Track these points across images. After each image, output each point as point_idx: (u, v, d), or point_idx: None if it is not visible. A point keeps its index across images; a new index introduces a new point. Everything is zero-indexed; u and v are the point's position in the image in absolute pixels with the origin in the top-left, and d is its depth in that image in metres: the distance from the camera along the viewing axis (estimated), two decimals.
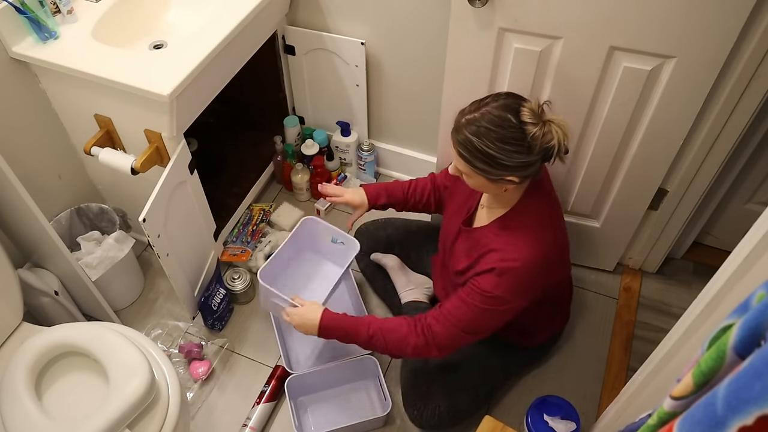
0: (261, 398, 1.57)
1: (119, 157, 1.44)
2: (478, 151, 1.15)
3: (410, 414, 1.47)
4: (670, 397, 0.63)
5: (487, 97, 1.19)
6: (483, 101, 1.18)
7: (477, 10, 1.34)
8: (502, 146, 1.13)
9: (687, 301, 0.93)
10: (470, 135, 1.15)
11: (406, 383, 1.51)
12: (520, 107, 1.14)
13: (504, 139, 1.13)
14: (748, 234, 0.76)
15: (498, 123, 1.13)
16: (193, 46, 1.39)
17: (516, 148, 1.13)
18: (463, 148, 1.17)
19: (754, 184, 1.67)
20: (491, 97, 1.18)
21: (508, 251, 1.22)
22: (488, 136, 1.13)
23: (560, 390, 1.62)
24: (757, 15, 1.18)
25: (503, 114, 1.14)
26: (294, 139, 2.09)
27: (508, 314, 1.27)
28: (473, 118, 1.15)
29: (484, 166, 1.16)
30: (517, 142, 1.13)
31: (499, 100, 1.16)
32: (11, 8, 1.34)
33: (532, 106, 1.15)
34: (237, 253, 1.87)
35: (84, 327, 1.29)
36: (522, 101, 1.16)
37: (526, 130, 1.13)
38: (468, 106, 1.20)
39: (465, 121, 1.17)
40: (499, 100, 1.16)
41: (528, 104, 1.15)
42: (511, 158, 1.14)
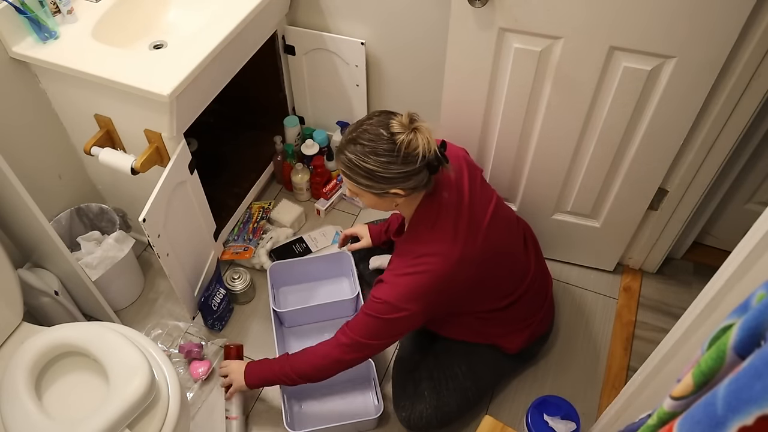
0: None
1: (119, 157, 1.44)
2: (358, 168, 1.21)
3: (399, 415, 1.49)
4: (670, 397, 0.63)
5: (365, 117, 1.25)
6: (360, 122, 1.24)
7: (477, 10, 1.34)
8: (377, 159, 1.18)
9: (687, 301, 0.93)
10: (350, 154, 1.21)
11: (396, 385, 1.52)
12: (391, 120, 1.20)
13: (377, 152, 1.18)
14: (748, 234, 0.76)
15: (372, 138, 1.19)
16: (193, 46, 1.39)
17: (390, 159, 1.18)
18: (345, 167, 1.23)
19: (754, 184, 1.67)
20: (367, 116, 1.25)
21: (396, 266, 1.30)
22: (363, 151, 1.19)
23: (560, 390, 1.62)
24: (757, 15, 1.18)
25: (377, 129, 1.20)
26: (294, 139, 2.09)
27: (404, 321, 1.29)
28: (352, 137, 1.22)
29: (366, 181, 1.22)
30: (389, 153, 1.18)
31: (373, 118, 1.22)
32: (11, 8, 1.34)
33: (402, 119, 1.20)
34: (239, 251, 1.87)
35: (84, 327, 1.29)
36: (393, 116, 1.22)
37: (395, 140, 1.17)
38: (348, 127, 1.26)
39: (345, 142, 1.23)
40: (373, 118, 1.23)
41: (398, 117, 1.21)
42: (388, 170, 1.19)
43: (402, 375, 1.52)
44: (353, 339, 1.31)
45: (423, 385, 1.47)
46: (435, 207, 1.28)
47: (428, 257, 1.26)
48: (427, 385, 1.46)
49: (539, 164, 1.63)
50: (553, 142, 1.55)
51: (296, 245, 1.95)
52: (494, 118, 1.57)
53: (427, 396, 1.45)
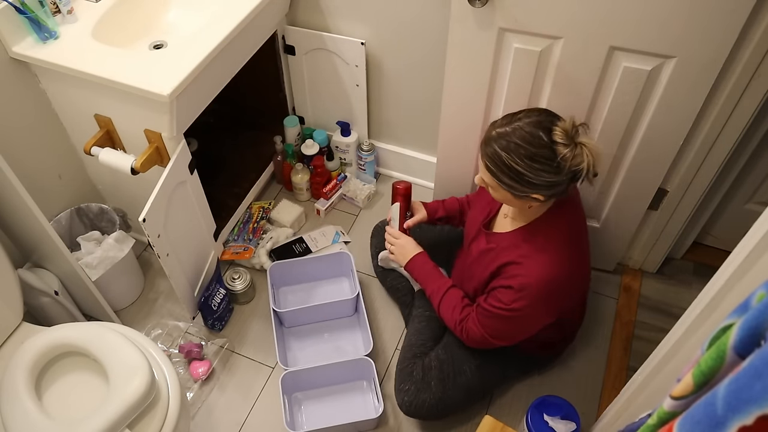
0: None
1: (119, 157, 1.44)
2: (506, 167, 1.14)
3: (399, 398, 1.47)
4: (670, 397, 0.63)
5: (521, 112, 1.17)
6: (516, 115, 1.16)
7: (477, 10, 1.34)
8: (530, 164, 1.12)
9: (687, 301, 0.93)
10: (499, 149, 1.14)
11: (403, 368, 1.50)
12: (553, 126, 1.13)
13: (533, 156, 1.12)
14: (748, 234, 0.76)
15: (528, 140, 1.12)
16: (193, 46, 1.39)
17: (544, 167, 1.13)
18: (491, 161, 1.16)
19: (754, 184, 1.67)
20: (524, 112, 1.17)
21: (528, 266, 1.24)
22: (517, 152, 1.13)
23: (560, 390, 1.62)
24: (757, 15, 1.18)
25: (535, 131, 1.12)
26: (294, 139, 2.09)
27: (530, 325, 1.31)
28: (504, 132, 1.14)
29: (511, 182, 1.16)
30: (546, 161, 1.12)
31: (531, 116, 1.15)
32: (11, 8, 1.34)
33: (566, 125, 1.13)
34: (240, 251, 1.87)
35: (84, 327, 1.29)
36: (556, 119, 1.15)
37: (556, 150, 1.12)
38: (500, 119, 1.19)
39: (495, 135, 1.16)
40: (531, 116, 1.15)
41: (561, 123, 1.14)
42: (538, 176, 1.14)
43: (411, 358, 1.50)
44: (482, 334, 1.34)
45: (432, 374, 1.46)
46: (563, 213, 1.27)
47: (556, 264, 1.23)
48: (436, 375, 1.45)
49: None
50: None
51: (296, 245, 1.95)
52: (494, 118, 1.57)
53: (433, 386, 1.44)
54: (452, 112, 1.60)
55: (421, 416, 1.47)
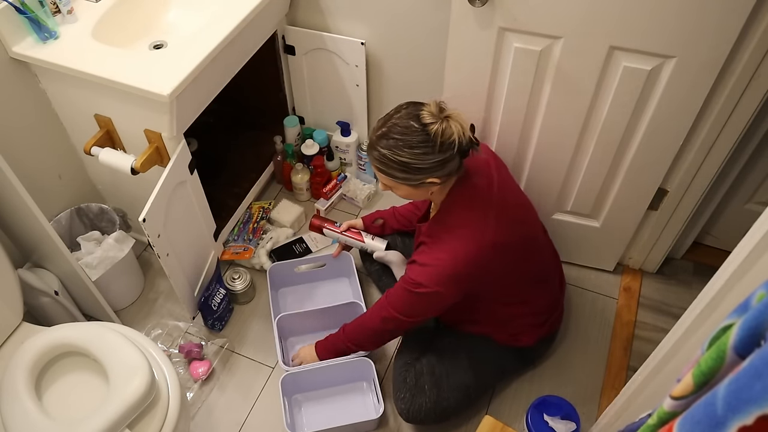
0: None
1: (119, 157, 1.44)
2: (394, 162, 1.22)
3: (398, 406, 1.48)
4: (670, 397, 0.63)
5: (391, 111, 1.26)
6: (389, 115, 1.25)
7: (477, 10, 1.34)
8: (412, 152, 1.20)
9: (687, 301, 0.93)
10: (382, 149, 1.23)
11: (396, 376, 1.51)
12: (420, 111, 1.22)
13: (412, 144, 1.20)
14: (748, 234, 0.76)
15: (404, 131, 1.21)
16: (193, 46, 1.39)
17: (425, 150, 1.20)
18: (380, 162, 1.25)
19: (754, 184, 1.67)
20: (394, 109, 1.26)
21: (432, 249, 1.32)
22: (397, 145, 1.21)
23: (560, 390, 1.62)
24: (757, 15, 1.18)
25: (407, 122, 1.21)
26: (294, 139, 2.09)
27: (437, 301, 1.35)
28: (382, 132, 1.23)
29: (403, 174, 1.24)
30: (424, 145, 1.20)
31: (401, 111, 1.24)
32: (11, 8, 1.34)
33: (431, 108, 1.22)
34: (239, 251, 1.87)
35: (84, 327, 1.29)
36: (421, 105, 1.23)
37: (428, 130, 1.19)
38: (377, 123, 1.27)
39: (375, 138, 1.25)
40: (401, 110, 1.24)
41: (427, 107, 1.22)
42: (424, 161, 1.21)
43: (403, 367, 1.51)
44: (391, 313, 1.38)
45: (424, 378, 1.46)
46: (468, 192, 1.32)
47: (462, 240, 1.29)
48: (428, 379, 1.46)
49: (539, 164, 1.63)
50: (553, 142, 1.55)
51: (296, 245, 1.95)
52: (494, 118, 1.57)
53: (427, 390, 1.45)
54: None
55: (420, 421, 1.47)
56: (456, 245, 1.29)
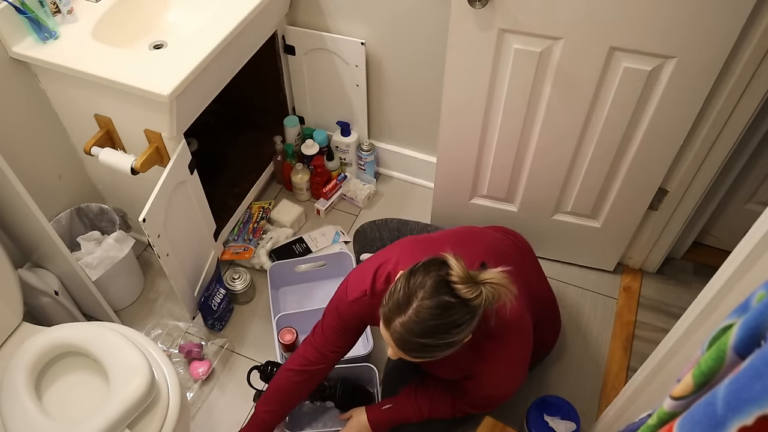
0: None
1: (119, 157, 1.44)
2: (437, 347, 1.03)
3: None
4: (670, 397, 0.63)
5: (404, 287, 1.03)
6: (405, 293, 1.02)
7: (477, 11, 1.34)
8: (456, 330, 1.01)
9: (687, 301, 0.93)
10: (421, 339, 1.01)
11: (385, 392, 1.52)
12: (449, 279, 1.00)
13: (456, 323, 1.00)
14: (748, 234, 0.76)
15: (439, 313, 0.99)
16: (193, 46, 1.39)
17: (468, 321, 1.02)
18: (419, 352, 1.04)
19: (754, 184, 1.67)
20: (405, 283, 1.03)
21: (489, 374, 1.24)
22: (439, 331, 1.00)
23: (560, 390, 1.62)
24: (757, 15, 1.18)
25: (438, 299, 0.99)
26: (294, 139, 2.09)
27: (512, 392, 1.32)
28: (412, 320, 1.00)
29: (447, 350, 1.05)
30: (470, 317, 1.01)
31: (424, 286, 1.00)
32: (11, 8, 1.34)
33: (459, 271, 1.00)
34: (239, 251, 1.87)
35: (84, 327, 1.29)
36: (444, 268, 1.01)
37: (470, 304, 1.00)
38: (387, 300, 1.04)
39: (403, 328, 1.01)
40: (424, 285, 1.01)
41: (454, 271, 1.00)
42: (469, 330, 1.04)
43: (390, 391, 1.50)
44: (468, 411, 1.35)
45: None
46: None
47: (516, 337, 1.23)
48: None
49: (539, 164, 1.63)
50: (554, 143, 1.55)
51: (296, 245, 1.95)
52: (494, 119, 1.57)
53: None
54: (452, 113, 1.60)
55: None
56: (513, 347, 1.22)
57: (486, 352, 1.19)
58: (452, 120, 1.62)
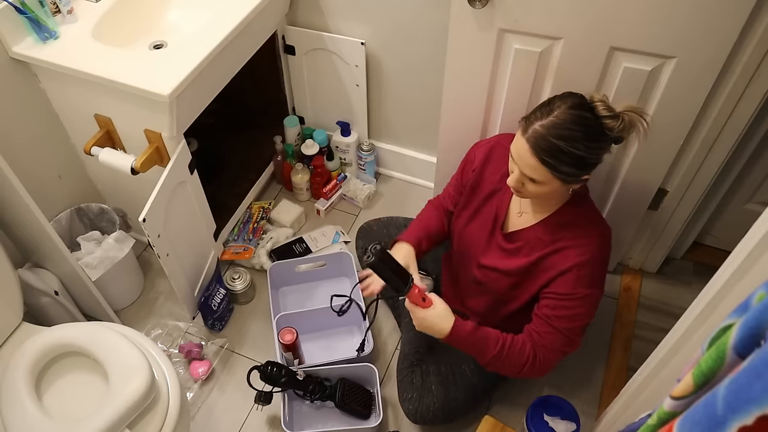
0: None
1: (119, 157, 1.44)
2: (566, 155, 1.10)
3: (405, 408, 1.48)
4: (670, 397, 0.63)
5: (551, 101, 1.14)
6: (549, 105, 1.13)
7: (477, 11, 1.34)
8: (589, 145, 1.10)
9: (687, 301, 0.93)
10: (555, 140, 1.09)
11: (402, 378, 1.51)
12: (593, 102, 1.13)
13: (590, 137, 1.11)
14: (748, 234, 0.76)
15: (580, 122, 1.10)
16: (193, 46, 1.39)
17: (601, 144, 1.13)
18: (549, 155, 1.10)
19: (754, 184, 1.67)
20: (553, 99, 1.14)
21: (582, 244, 1.22)
22: (574, 137, 1.09)
23: (560, 390, 1.62)
24: (757, 15, 1.18)
25: (580, 113, 1.11)
26: (294, 139, 2.09)
27: (594, 309, 1.26)
28: (551, 122, 1.10)
29: (571, 168, 1.12)
30: (601, 138, 1.12)
31: (566, 101, 1.12)
32: (11, 8, 1.34)
33: (602, 98, 1.14)
34: (239, 251, 1.87)
35: (84, 327, 1.29)
36: (585, 97, 1.15)
37: (605, 124, 1.11)
38: (533, 113, 1.14)
39: (542, 128, 1.10)
40: (565, 100, 1.13)
41: (597, 98, 1.14)
42: (597, 155, 1.14)
43: (408, 368, 1.51)
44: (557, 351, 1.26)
45: (431, 378, 1.46)
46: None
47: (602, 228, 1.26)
48: (434, 379, 1.46)
49: None
50: None
51: (296, 245, 1.95)
52: (494, 119, 1.57)
53: (434, 390, 1.45)
54: (452, 113, 1.60)
55: (428, 421, 1.46)
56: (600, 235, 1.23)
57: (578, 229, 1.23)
58: (452, 120, 1.62)
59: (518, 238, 1.30)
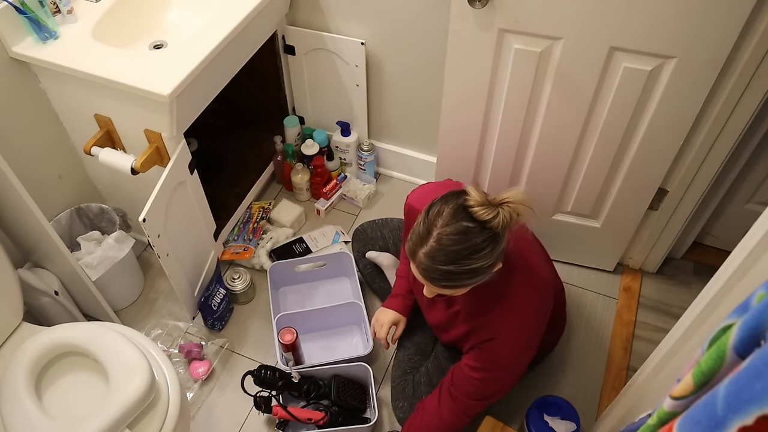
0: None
1: (119, 157, 1.44)
2: (462, 274, 1.05)
3: (396, 416, 1.49)
4: (670, 397, 0.63)
5: (424, 217, 1.07)
6: (427, 225, 1.05)
7: (477, 11, 1.34)
8: (479, 256, 1.03)
9: (687, 301, 0.93)
10: (444, 266, 1.03)
11: (395, 385, 1.52)
12: (467, 206, 1.04)
13: (477, 248, 1.02)
14: (748, 234, 0.76)
15: (461, 239, 1.02)
16: (193, 46, 1.39)
17: (492, 246, 1.04)
18: (445, 280, 1.06)
19: (754, 184, 1.67)
20: (429, 216, 1.06)
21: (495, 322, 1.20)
22: (461, 256, 1.03)
23: (560, 390, 1.62)
24: (757, 15, 1.18)
25: (458, 226, 1.02)
26: (294, 139, 2.09)
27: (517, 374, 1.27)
28: (433, 248, 1.03)
29: (473, 279, 1.07)
30: (490, 242, 1.03)
31: (441, 214, 1.04)
32: (11, 8, 1.34)
33: (476, 197, 1.04)
34: (239, 251, 1.87)
35: (84, 327, 1.29)
36: (461, 196, 1.06)
37: (489, 225, 1.03)
38: (411, 234, 1.08)
39: (426, 258, 1.04)
40: (441, 214, 1.05)
41: (471, 197, 1.05)
42: (492, 256, 1.05)
43: (401, 376, 1.52)
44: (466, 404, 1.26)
45: (422, 389, 1.47)
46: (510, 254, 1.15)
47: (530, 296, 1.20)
48: (425, 390, 1.46)
49: (539, 165, 1.63)
50: (554, 143, 1.55)
51: (296, 245, 1.95)
52: (494, 119, 1.57)
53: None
54: (452, 113, 1.60)
55: None
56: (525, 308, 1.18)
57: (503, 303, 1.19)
58: (452, 120, 1.62)
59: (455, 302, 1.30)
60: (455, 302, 1.30)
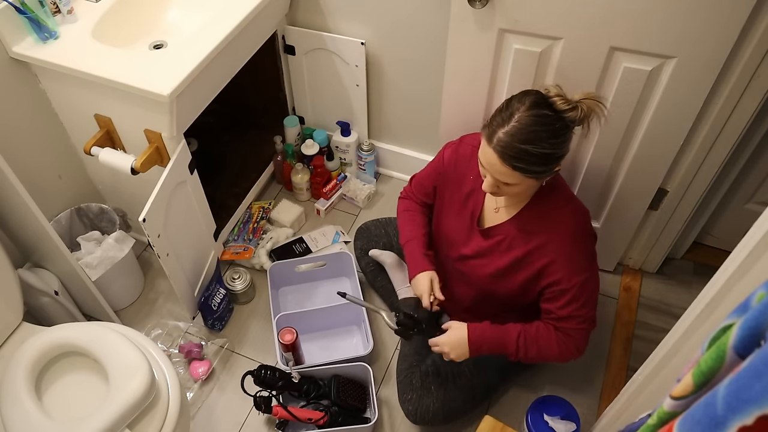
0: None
1: (119, 157, 1.44)
2: (535, 156, 1.12)
3: (404, 409, 1.48)
4: (670, 397, 0.63)
5: (507, 105, 1.16)
6: (509, 110, 1.15)
7: (477, 11, 1.34)
8: (554, 141, 1.14)
9: (687, 301, 0.93)
10: (522, 145, 1.11)
11: (402, 378, 1.52)
12: (548, 98, 1.15)
13: (554, 133, 1.14)
14: (748, 234, 0.76)
15: (541, 122, 1.12)
16: (193, 46, 1.39)
17: (566, 137, 1.16)
18: (518, 160, 1.13)
19: (754, 184, 1.67)
20: (511, 101, 1.16)
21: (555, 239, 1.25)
22: (539, 137, 1.12)
23: (560, 390, 1.62)
24: (757, 15, 1.18)
25: (539, 111, 1.13)
26: (294, 139, 2.09)
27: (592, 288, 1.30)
28: (514, 128, 1.12)
29: (541, 167, 1.15)
30: (564, 131, 1.15)
31: (523, 101, 1.14)
32: (11, 8, 1.34)
33: (558, 92, 1.16)
34: (239, 251, 1.87)
35: (84, 327, 1.29)
36: (541, 92, 1.17)
37: (566, 117, 1.15)
38: (493, 119, 1.16)
39: (506, 135, 1.12)
40: (523, 101, 1.15)
41: (552, 92, 1.16)
42: (563, 148, 1.17)
43: (408, 369, 1.52)
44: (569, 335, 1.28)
45: (430, 379, 1.47)
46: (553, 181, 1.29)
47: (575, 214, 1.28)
48: (434, 380, 1.47)
49: None
50: None
51: (296, 245, 1.95)
52: None
53: (434, 390, 1.45)
54: (452, 112, 1.60)
55: (427, 422, 1.47)
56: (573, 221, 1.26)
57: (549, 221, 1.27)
58: (452, 120, 1.62)
59: (495, 233, 1.33)
60: (497, 232, 1.33)
